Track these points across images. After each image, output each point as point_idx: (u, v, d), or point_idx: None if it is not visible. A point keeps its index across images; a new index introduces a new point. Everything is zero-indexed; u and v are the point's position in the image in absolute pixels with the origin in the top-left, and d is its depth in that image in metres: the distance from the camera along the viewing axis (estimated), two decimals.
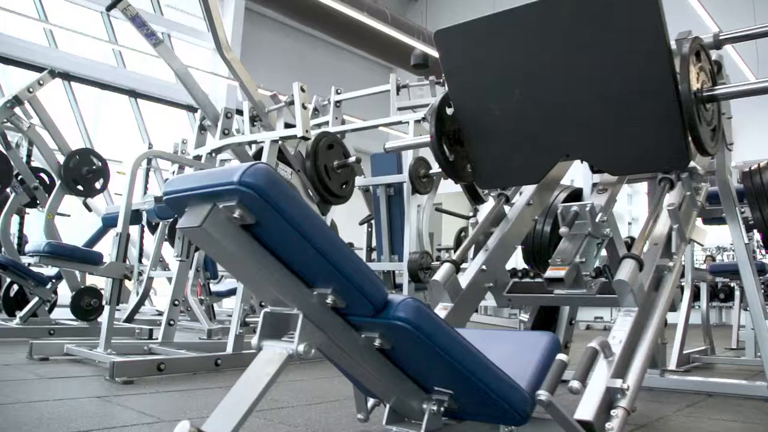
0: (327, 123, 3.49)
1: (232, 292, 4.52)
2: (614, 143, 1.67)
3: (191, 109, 8.98)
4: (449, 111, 1.87)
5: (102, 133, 7.98)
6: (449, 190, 3.91)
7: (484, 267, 1.74)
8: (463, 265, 1.66)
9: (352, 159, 2.92)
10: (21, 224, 4.62)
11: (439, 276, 1.56)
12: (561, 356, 1.07)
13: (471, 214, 3.77)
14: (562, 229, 1.66)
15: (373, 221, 3.87)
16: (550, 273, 1.59)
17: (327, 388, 2.11)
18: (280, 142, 2.63)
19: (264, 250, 0.86)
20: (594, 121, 1.67)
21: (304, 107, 2.58)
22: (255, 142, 2.68)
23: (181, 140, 4.80)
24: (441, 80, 3.37)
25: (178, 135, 9.40)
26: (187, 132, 9.01)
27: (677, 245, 1.56)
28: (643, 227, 1.51)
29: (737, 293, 3.88)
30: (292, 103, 2.66)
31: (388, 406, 1.12)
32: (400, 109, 3.37)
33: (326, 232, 0.87)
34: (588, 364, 1.12)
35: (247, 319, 2.43)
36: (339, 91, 3.54)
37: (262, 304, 3.05)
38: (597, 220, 1.65)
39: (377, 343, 0.99)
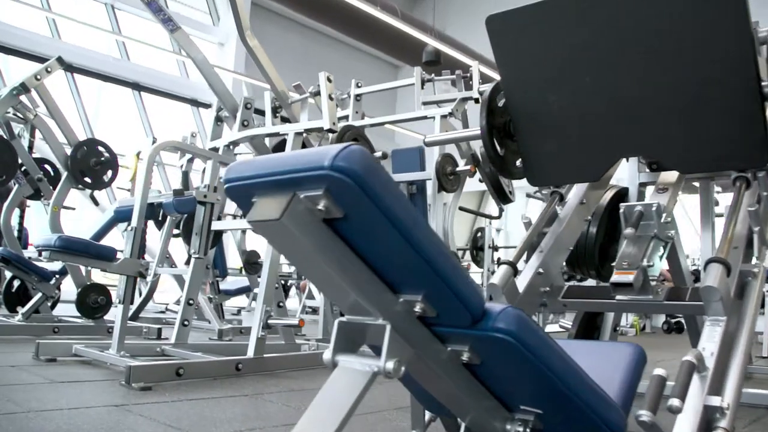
0: (346, 117, 3.35)
1: (241, 291, 4.39)
2: (686, 139, 1.54)
3: (195, 104, 8.82)
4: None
5: (103, 126, 7.82)
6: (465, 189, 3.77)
7: (540, 270, 1.61)
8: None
9: (377, 154, 2.78)
10: (21, 217, 4.47)
11: (496, 279, 1.43)
12: (659, 371, 0.96)
13: (497, 214, 3.64)
14: (628, 230, 1.53)
15: None
16: (616, 277, 1.46)
17: None
18: (304, 135, 2.50)
19: (347, 247, 0.73)
20: (663, 114, 1.54)
21: (330, 99, 2.45)
22: (277, 134, 2.54)
23: (190, 134, 4.65)
24: (468, 75, 3.24)
25: (181, 130, 9.28)
26: (190, 127, 8.86)
27: (759, 249, 1.44)
28: (725, 229, 1.38)
29: None
30: (317, 94, 2.53)
31: (463, 424, 0.99)
32: (425, 103, 3.23)
33: (426, 227, 0.73)
34: (686, 380, 0.99)
35: (269, 321, 2.29)
36: (359, 85, 3.40)
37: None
38: (662, 220, 1.52)
39: (465, 357, 0.86)
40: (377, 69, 10.69)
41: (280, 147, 2.90)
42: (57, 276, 3.58)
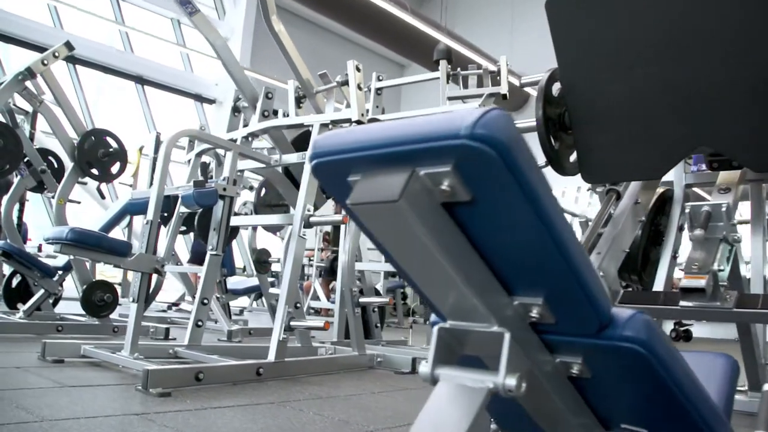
0: (366, 111, 3.22)
1: (249, 291, 4.24)
2: (763, 136, 1.41)
3: (199, 99, 8.67)
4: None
5: (104, 120, 7.65)
6: None
7: (601, 273, 1.48)
8: None
9: None
10: (21, 211, 4.31)
11: None
12: None
13: None
14: (698, 232, 1.40)
15: None
16: (687, 282, 1.33)
17: (392, 404, 1.84)
18: (330, 126, 2.36)
19: (465, 238, 0.60)
20: (740, 109, 1.41)
21: (359, 88, 2.32)
22: (301, 125, 2.40)
23: (199, 127, 4.51)
24: (496, 70, 3.11)
25: (184, 125, 9.15)
26: (194, 123, 8.69)
27: None
28: None
29: None
30: (344, 83, 2.40)
31: None
32: (450, 98, 3.11)
33: (562, 215, 0.60)
34: None
35: (292, 324, 2.15)
36: (380, 78, 3.27)
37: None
38: (731, 222, 1.40)
39: (575, 369, 0.73)
40: (383, 67, 10.55)
41: (300, 140, 2.77)
42: (60, 272, 3.43)
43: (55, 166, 3.87)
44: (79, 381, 1.83)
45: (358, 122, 2.32)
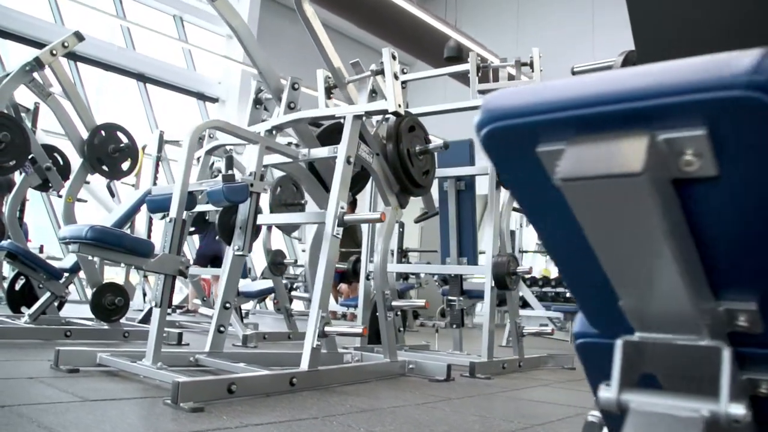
0: None
1: (263, 293, 4.08)
2: None
3: (202, 98, 8.51)
4: None
5: (105, 119, 7.46)
6: None
7: None
8: None
9: (438, 143, 2.51)
10: (21, 211, 4.13)
11: None
12: None
13: None
14: None
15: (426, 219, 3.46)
16: None
17: (443, 417, 1.68)
18: (364, 118, 2.22)
19: (686, 225, 0.45)
20: None
21: (395, 77, 2.17)
22: (333, 117, 2.25)
23: None
24: (528, 61, 2.97)
25: (187, 123, 8.90)
26: (197, 121, 8.52)
27: None
28: None
29: None
30: (378, 72, 2.25)
31: None
32: (481, 92, 2.97)
33: None
34: None
35: (326, 329, 2.00)
36: (405, 71, 3.12)
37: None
38: None
39: (765, 389, 0.59)
40: None
41: (325, 134, 2.62)
42: (67, 274, 3.26)
43: (61, 163, 3.70)
44: (101, 394, 1.67)
45: (395, 114, 2.17)
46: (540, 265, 9.38)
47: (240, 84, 8.40)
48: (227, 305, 2.33)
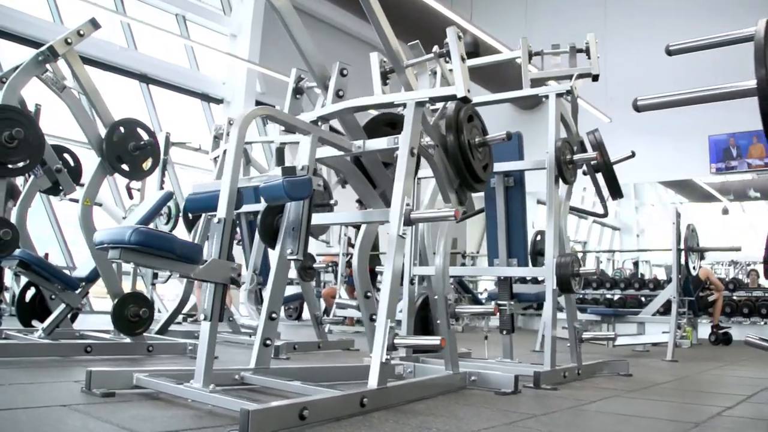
0: None
1: (290, 300, 3.83)
2: None
3: (206, 99, 8.24)
4: None
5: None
6: None
7: None
8: None
9: (499, 134, 2.29)
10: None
11: None
12: None
13: (602, 212, 3.16)
14: None
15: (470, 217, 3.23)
16: None
17: None
18: (427, 105, 1.99)
19: None
20: None
21: (462, 60, 1.95)
22: (391, 105, 2.02)
23: (228, 120, 4.12)
24: (584, 47, 2.76)
25: (191, 127, 8.64)
26: (201, 124, 8.26)
27: None
28: None
29: None
30: (441, 55, 2.02)
31: None
32: (533, 81, 2.75)
33: None
34: None
35: (397, 342, 1.77)
36: (448, 60, 2.90)
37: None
38: None
39: None
40: None
41: (373, 126, 2.39)
42: (83, 283, 3.01)
43: (71, 164, 3.45)
44: (152, 425, 1.43)
45: (464, 100, 1.95)
46: None
47: (245, 84, 8.15)
48: (273, 315, 2.09)
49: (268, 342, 2.08)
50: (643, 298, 6.97)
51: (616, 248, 15.74)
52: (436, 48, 2.03)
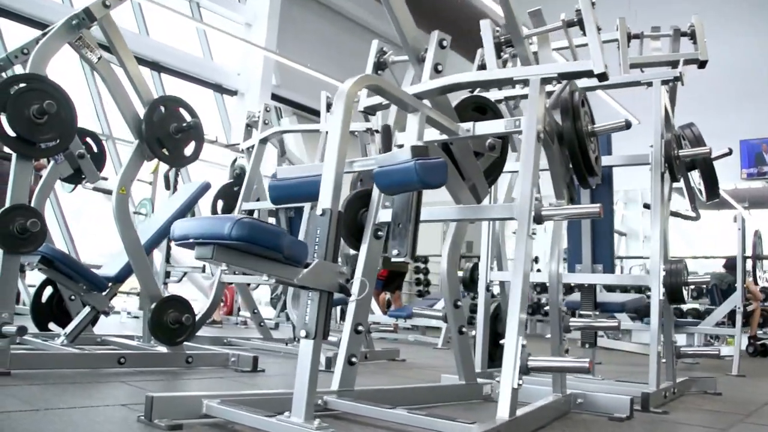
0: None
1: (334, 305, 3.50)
2: None
3: (219, 89, 7.87)
4: None
5: (111, 111, 6.79)
6: None
7: None
8: None
9: (618, 121, 1.97)
10: None
11: None
12: None
13: (694, 214, 2.85)
14: None
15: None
16: None
17: None
18: (554, 83, 1.67)
19: None
20: None
21: (599, 30, 1.63)
22: (509, 81, 1.69)
23: (264, 107, 3.78)
24: (688, 30, 2.45)
25: (205, 118, 8.19)
26: (213, 115, 7.88)
27: None
28: None
29: None
30: (572, 24, 1.70)
31: None
32: (633, 66, 2.44)
33: None
34: None
35: (532, 364, 1.44)
36: (531, 43, 2.58)
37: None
38: None
39: None
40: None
41: (465, 106, 2.06)
42: (110, 284, 2.65)
43: (95, 150, 3.09)
44: None
45: (602, 77, 1.62)
46: None
47: (261, 76, 7.78)
48: (359, 328, 1.76)
49: (353, 359, 1.74)
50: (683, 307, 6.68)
51: (622, 254, 15.50)
52: (563, 15, 1.71)
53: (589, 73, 1.63)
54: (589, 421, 1.88)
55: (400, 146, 1.58)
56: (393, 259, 1.58)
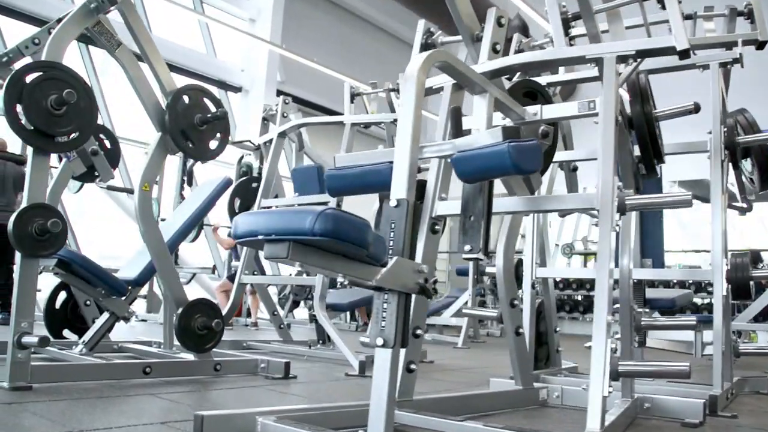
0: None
1: (356, 305, 3.33)
2: None
3: (223, 86, 7.68)
4: None
5: (120, 110, 6.58)
6: None
7: None
8: None
9: (686, 106, 1.83)
10: None
11: None
12: None
13: (744, 205, 2.72)
14: None
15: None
16: None
17: None
18: (630, 61, 1.52)
19: None
20: None
21: (680, 1, 1.48)
22: (581, 60, 1.55)
23: (282, 100, 3.62)
24: (746, 10, 2.32)
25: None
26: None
27: None
28: None
29: None
30: None
31: None
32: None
33: None
34: None
35: (621, 369, 1.29)
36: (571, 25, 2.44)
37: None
38: None
39: None
40: None
41: (521, 87, 1.91)
42: (131, 288, 2.49)
43: (108, 146, 2.92)
44: None
45: (684, 53, 1.48)
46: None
47: (266, 72, 7.59)
48: (418, 332, 1.61)
49: (412, 366, 1.59)
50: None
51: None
52: None
53: (670, 50, 1.49)
54: (662, 427, 1.75)
55: (468, 131, 1.43)
56: (464, 256, 1.43)
